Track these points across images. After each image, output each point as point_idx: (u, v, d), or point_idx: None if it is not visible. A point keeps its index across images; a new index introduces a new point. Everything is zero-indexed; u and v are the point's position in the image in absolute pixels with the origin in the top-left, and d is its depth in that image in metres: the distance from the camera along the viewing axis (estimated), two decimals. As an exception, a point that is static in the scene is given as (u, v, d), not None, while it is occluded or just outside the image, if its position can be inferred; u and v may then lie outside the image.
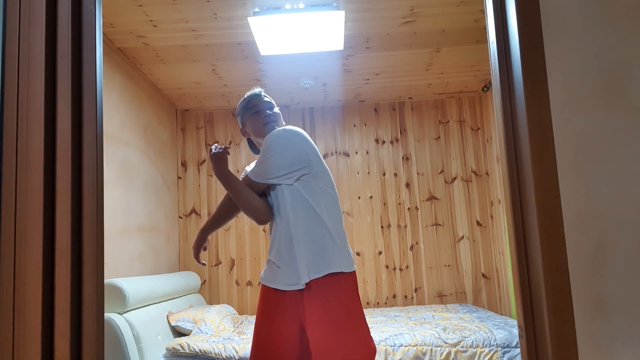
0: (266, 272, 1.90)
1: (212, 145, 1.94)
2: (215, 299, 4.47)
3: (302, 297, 1.76)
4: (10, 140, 1.14)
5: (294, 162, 1.78)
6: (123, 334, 2.67)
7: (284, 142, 1.78)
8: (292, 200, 1.79)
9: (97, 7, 1.25)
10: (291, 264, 1.78)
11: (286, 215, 1.79)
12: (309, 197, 1.79)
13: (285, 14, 2.86)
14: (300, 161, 1.79)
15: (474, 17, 3.10)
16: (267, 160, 1.79)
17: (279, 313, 1.81)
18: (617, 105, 1.18)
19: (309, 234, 1.77)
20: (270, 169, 1.79)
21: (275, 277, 1.83)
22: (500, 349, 2.78)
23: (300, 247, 1.76)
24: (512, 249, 1.25)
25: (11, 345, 1.08)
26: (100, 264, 1.17)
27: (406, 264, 4.48)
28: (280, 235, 1.81)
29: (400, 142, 4.65)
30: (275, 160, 1.78)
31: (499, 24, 1.29)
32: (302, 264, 1.74)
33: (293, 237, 1.77)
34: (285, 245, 1.79)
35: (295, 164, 1.78)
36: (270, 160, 1.79)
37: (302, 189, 1.80)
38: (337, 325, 1.68)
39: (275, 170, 1.79)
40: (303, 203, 1.79)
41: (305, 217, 1.78)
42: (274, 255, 1.84)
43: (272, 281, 1.85)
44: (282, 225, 1.81)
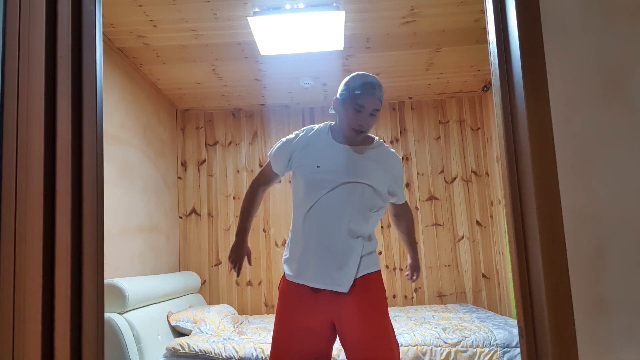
0: (307, 270, 1.82)
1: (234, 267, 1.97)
2: (215, 299, 4.47)
3: (340, 293, 1.77)
4: (10, 140, 1.14)
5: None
6: (123, 334, 2.67)
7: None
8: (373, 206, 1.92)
9: (97, 7, 1.25)
10: (351, 263, 1.81)
11: (361, 221, 1.84)
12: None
13: (285, 14, 2.86)
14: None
15: (474, 17, 3.10)
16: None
17: (313, 308, 1.78)
18: (617, 105, 1.18)
19: (374, 242, 1.89)
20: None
21: (325, 276, 1.78)
22: (500, 349, 2.78)
23: (371, 254, 1.87)
24: (512, 249, 1.25)
25: (11, 345, 1.08)
26: (100, 264, 1.17)
27: (406, 264, 4.48)
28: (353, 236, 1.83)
29: (400, 142, 4.65)
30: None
31: (499, 24, 1.29)
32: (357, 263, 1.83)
33: (368, 242, 1.86)
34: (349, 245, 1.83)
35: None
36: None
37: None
38: (386, 317, 1.80)
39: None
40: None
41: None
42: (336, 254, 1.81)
43: (323, 282, 1.79)
44: (359, 230, 1.82)
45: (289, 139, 1.93)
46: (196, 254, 4.54)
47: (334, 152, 1.84)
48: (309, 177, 1.82)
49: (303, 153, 1.86)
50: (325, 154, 1.83)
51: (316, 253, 1.79)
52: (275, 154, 1.94)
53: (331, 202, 1.79)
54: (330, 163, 1.81)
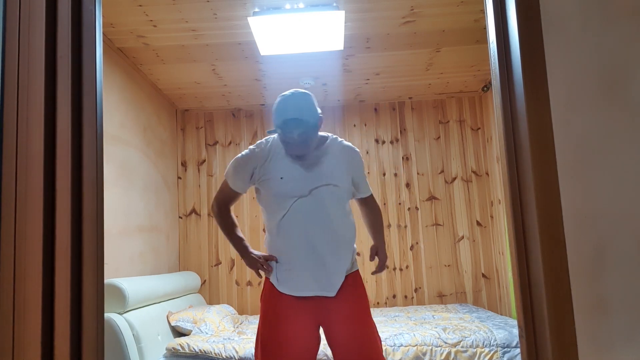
0: (290, 280, 1.82)
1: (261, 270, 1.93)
2: (215, 299, 4.47)
3: (329, 298, 1.80)
4: (10, 140, 1.14)
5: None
6: (123, 334, 2.67)
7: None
8: (345, 203, 1.93)
9: (97, 7, 1.25)
10: (345, 266, 1.84)
11: (336, 219, 1.85)
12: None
13: (285, 14, 2.86)
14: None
15: (474, 17, 3.10)
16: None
17: (299, 316, 1.79)
18: (617, 105, 1.18)
19: (352, 238, 1.92)
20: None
21: (309, 284, 1.80)
22: (500, 349, 2.78)
23: (350, 252, 1.89)
24: (512, 249, 1.25)
25: (11, 345, 1.08)
26: (100, 264, 1.17)
27: (406, 264, 4.48)
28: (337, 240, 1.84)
29: (400, 142, 4.65)
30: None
31: (499, 24, 1.29)
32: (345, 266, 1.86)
33: (351, 239, 1.90)
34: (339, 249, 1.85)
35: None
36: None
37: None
38: (369, 314, 1.84)
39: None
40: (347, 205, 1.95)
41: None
42: (324, 260, 1.80)
43: (304, 289, 1.80)
44: (332, 232, 1.83)
45: (244, 155, 1.90)
46: (196, 254, 4.54)
47: (291, 161, 1.84)
48: (275, 190, 1.82)
49: (264, 168, 1.85)
50: (285, 164, 1.83)
51: (297, 263, 1.80)
52: (233, 173, 1.91)
53: (303, 210, 1.78)
54: (292, 172, 1.82)
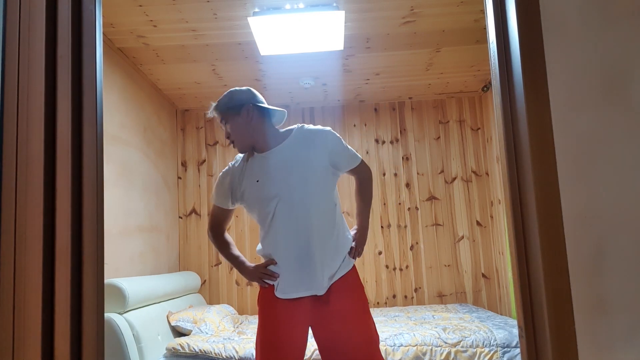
0: (282, 283, 1.81)
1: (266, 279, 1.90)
2: (215, 299, 4.47)
3: (321, 297, 1.79)
4: (10, 140, 1.14)
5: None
6: (123, 334, 2.67)
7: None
8: (335, 194, 1.90)
9: (97, 7, 1.25)
10: (336, 263, 1.83)
11: (321, 214, 1.82)
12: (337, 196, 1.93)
13: (285, 14, 2.86)
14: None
15: (474, 17, 3.10)
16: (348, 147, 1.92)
17: (293, 318, 1.79)
18: (617, 105, 1.18)
19: (342, 232, 1.89)
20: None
21: (298, 285, 1.79)
22: (500, 349, 2.78)
23: (343, 243, 1.87)
24: (512, 249, 1.25)
25: (11, 345, 1.08)
26: (100, 264, 1.17)
27: (406, 264, 4.48)
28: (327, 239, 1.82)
29: (400, 142, 4.65)
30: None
31: (499, 24, 1.29)
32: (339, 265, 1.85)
33: (340, 235, 1.87)
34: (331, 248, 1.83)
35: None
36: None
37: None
38: (366, 312, 1.82)
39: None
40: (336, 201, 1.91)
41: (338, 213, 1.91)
42: (318, 260, 1.79)
43: (300, 289, 1.80)
44: (319, 227, 1.81)
45: (224, 172, 1.95)
46: (196, 254, 4.54)
47: (263, 162, 1.84)
48: (255, 195, 1.82)
49: (240, 179, 1.88)
50: (257, 168, 1.84)
51: (284, 265, 1.80)
52: (217, 190, 1.96)
53: (286, 211, 1.77)
54: (266, 172, 1.81)
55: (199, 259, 4.53)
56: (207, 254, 4.54)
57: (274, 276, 1.81)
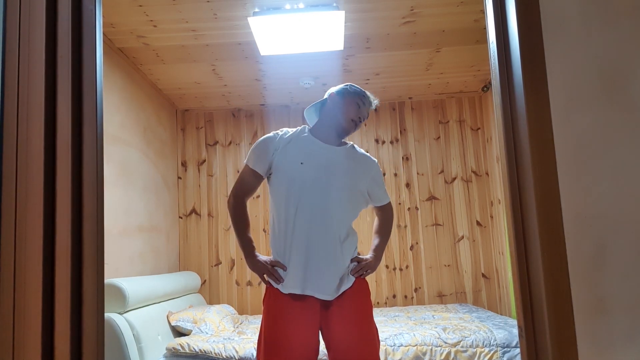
0: (295, 277, 1.79)
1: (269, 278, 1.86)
2: (215, 299, 4.47)
3: (331, 301, 1.80)
4: (10, 140, 1.14)
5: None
6: (123, 334, 2.67)
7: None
8: (353, 213, 1.92)
9: (97, 7, 1.25)
10: (346, 270, 1.84)
11: (344, 222, 1.85)
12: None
13: (285, 14, 2.86)
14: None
15: (474, 17, 3.10)
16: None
17: (300, 317, 1.78)
18: (617, 105, 1.18)
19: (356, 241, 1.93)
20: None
21: (312, 283, 1.78)
22: (500, 349, 2.78)
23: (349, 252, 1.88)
24: (512, 249, 1.25)
25: (11, 345, 1.08)
26: (100, 264, 1.17)
27: (406, 264, 4.48)
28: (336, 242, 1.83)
29: (400, 142, 4.65)
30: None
31: (499, 24, 1.29)
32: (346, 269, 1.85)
33: (354, 245, 1.89)
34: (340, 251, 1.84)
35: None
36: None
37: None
38: (371, 319, 1.84)
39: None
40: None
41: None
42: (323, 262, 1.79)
43: (312, 289, 1.78)
44: (344, 230, 1.83)
45: (268, 137, 1.89)
46: (196, 254, 4.54)
47: (316, 149, 1.84)
48: (292, 174, 1.79)
49: (285, 150, 1.84)
50: (308, 151, 1.83)
51: (304, 257, 1.77)
52: (256, 151, 1.88)
53: (317, 201, 1.77)
54: (314, 159, 1.81)
55: (199, 259, 4.53)
56: (207, 254, 4.54)
57: (279, 279, 1.80)
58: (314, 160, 1.81)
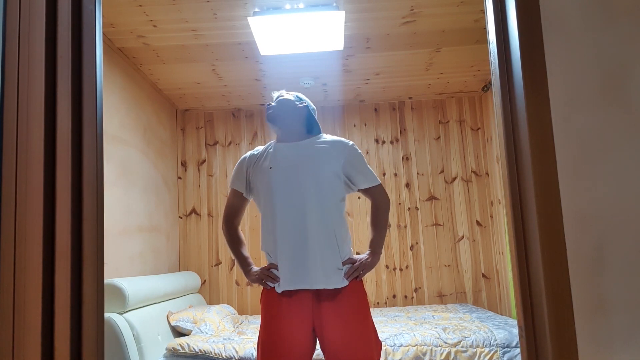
0: (284, 273, 1.82)
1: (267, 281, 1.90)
2: (215, 299, 4.47)
3: (322, 298, 1.80)
4: (10, 140, 1.14)
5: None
6: (123, 334, 2.67)
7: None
8: (342, 203, 1.93)
9: (97, 7, 1.25)
10: (334, 263, 1.84)
11: (326, 214, 1.86)
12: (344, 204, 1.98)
13: (285, 14, 2.86)
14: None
15: (474, 17, 3.10)
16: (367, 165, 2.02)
17: (294, 316, 1.80)
18: (617, 105, 1.18)
19: (347, 236, 1.92)
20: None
21: (300, 274, 1.80)
22: (500, 349, 2.78)
23: (344, 244, 1.89)
24: (512, 249, 1.25)
25: (11, 345, 1.08)
26: (100, 264, 1.17)
27: (406, 264, 4.48)
28: (329, 236, 1.85)
29: (400, 142, 4.65)
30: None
31: (499, 24, 1.29)
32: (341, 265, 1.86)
33: (338, 240, 1.88)
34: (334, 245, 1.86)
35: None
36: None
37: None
38: (366, 319, 1.84)
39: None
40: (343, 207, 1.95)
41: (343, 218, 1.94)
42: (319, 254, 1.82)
43: (302, 282, 1.80)
44: (325, 221, 1.85)
45: (242, 157, 2.05)
46: (196, 254, 4.54)
47: (283, 151, 1.92)
48: (265, 180, 1.89)
49: (259, 163, 1.96)
50: (276, 156, 1.91)
51: (290, 254, 1.81)
52: (234, 173, 2.06)
53: (293, 198, 1.83)
54: (281, 161, 1.89)
55: (199, 259, 4.53)
56: (207, 254, 4.54)
57: (275, 279, 1.84)
58: (281, 161, 1.89)
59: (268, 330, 1.81)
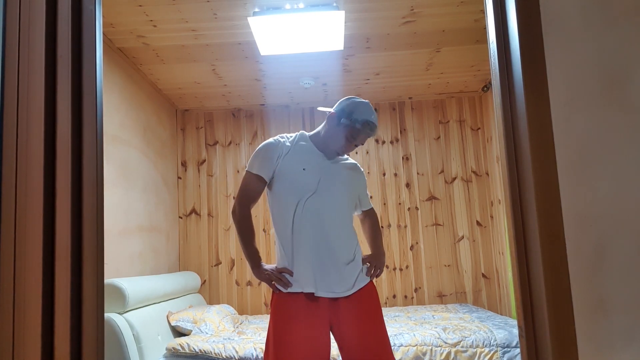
0: (305, 277, 1.82)
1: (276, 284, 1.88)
2: (215, 299, 4.47)
3: (339, 299, 1.82)
4: (10, 140, 1.14)
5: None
6: (123, 334, 2.67)
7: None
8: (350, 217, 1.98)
9: (97, 7, 1.25)
10: (354, 269, 1.87)
11: (346, 222, 1.91)
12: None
13: (285, 14, 2.86)
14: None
15: (474, 17, 3.10)
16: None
17: (310, 317, 1.79)
18: (617, 105, 1.18)
19: (357, 243, 1.95)
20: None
21: (323, 282, 1.80)
22: (500, 349, 2.78)
23: (358, 253, 1.92)
24: (512, 249, 1.25)
25: (11, 345, 1.08)
26: (100, 264, 1.17)
27: (406, 264, 4.48)
28: (346, 241, 1.88)
29: (400, 142, 4.65)
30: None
31: (499, 24, 1.29)
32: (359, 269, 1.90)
33: (356, 245, 1.92)
34: (350, 251, 1.88)
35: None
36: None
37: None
38: (383, 322, 1.87)
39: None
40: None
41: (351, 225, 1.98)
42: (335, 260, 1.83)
43: (324, 289, 1.81)
44: (345, 231, 1.88)
45: (271, 143, 1.91)
46: (196, 254, 4.54)
47: (316, 157, 1.91)
48: (295, 178, 1.84)
49: (289, 156, 1.89)
50: (309, 158, 1.90)
51: (312, 258, 1.81)
52: (259, 157, 1.90)
53: (319, 206, 1.83)
54: (315, 167, 1.88)
55: (199, 259, 4.53)
56: (207, 254, 4.54)
57: (287, 284, 1.82)
58: (315, 167, 1.88)
59: (283, 330, 1.78)
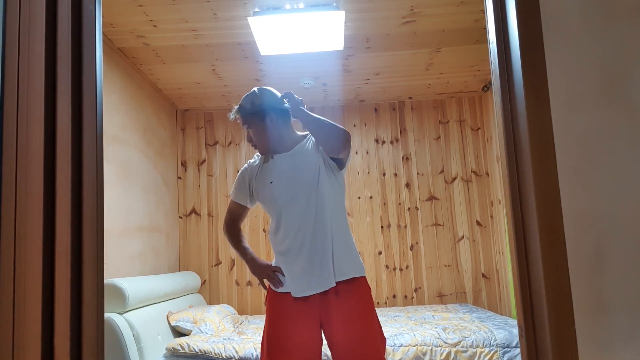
0: (291, 279, 1.84)
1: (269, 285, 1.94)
2: (215, 299, 4.47)
3: (329, 296, 1.81)
4: (10, 140, 1.14)
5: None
6: (123, 334, 2.67)
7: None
8: (342, 198, 1.92)
9: (97, 7, 1.25)
10: (339, 258, 1.85)
11: (326, 214, 1.85)
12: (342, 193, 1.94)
13: (285, 14, 2.86)
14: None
15: (474, 17, 3.10)
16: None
17: (302, 317, 1.81)
18: (617, 105, 1.18)
19: (348, 235, 1.90)
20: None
21: (308, 283, 1.81)
22: (500, 349, 2.78)
23: (348, 248, 1.88)
24: (512, 249, 1.25)
25: (11, 345, 1.08)
26: (100, 264, 1.17)
27: (406, 264, 4.48)
28: (324, 238, 1.84)
29: (400, 142, 4.65)
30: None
31: (499, 24, 1.29)
32: (349, 263, 1.86)
33: (334, 239, 1.86)
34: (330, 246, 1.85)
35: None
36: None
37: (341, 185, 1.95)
38: (372, 316, 1.84)
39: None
40: (341, 201, 1.92)
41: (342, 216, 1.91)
42: (314, 258, 1.82)
43: (305, 289, 1.81)
44: (323, 226, 1.84)
45: (243, 168, 2.03)
46: (196, 254, 4.54)
47: (279, 163, 1.91)
48: (267, 195, 1.89)
49: (259, 174, 1.95)
50: (274, 168, 1.91)
51: (296, 259, 1.83)
52: (235, 185, 2.03)
53: (297, 209, 1.84)
54: (280, 174, 1.89)
55: (199, 259, 4.53)
56: (207, 254, 4.54)
57: (278, 284, 1.87)
58: (279, 174, 1.89)
59: (276, 329, 1.81)
